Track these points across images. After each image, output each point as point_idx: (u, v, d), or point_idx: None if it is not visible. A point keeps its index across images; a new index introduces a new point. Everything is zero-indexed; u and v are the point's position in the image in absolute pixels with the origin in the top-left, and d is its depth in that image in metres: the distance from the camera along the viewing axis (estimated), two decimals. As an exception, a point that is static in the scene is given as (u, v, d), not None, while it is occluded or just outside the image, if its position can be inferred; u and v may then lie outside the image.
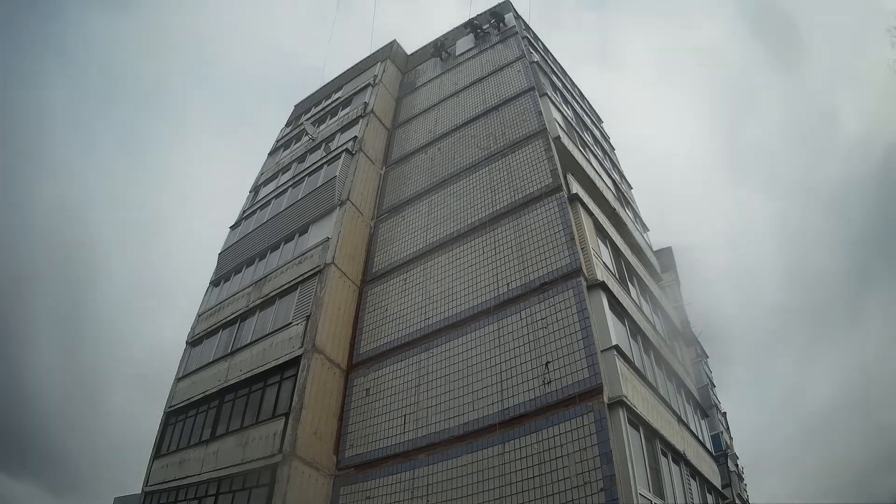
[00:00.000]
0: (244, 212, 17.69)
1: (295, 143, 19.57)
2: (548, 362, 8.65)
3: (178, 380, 13.75)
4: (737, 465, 21.88)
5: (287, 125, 22.18)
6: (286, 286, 12.98)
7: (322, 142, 17.75)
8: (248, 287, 14.16)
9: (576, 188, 11.57)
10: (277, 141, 21.07)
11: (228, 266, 15.73)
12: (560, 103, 15.58)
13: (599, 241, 11.25)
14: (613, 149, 19.94)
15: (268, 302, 13.17)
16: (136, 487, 12.60)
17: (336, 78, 22.70)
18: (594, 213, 11.67)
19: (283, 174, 17.98)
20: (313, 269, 12.67)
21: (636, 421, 8.14)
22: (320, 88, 22.99)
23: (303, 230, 14.42)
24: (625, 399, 7.96)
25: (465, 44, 19.39)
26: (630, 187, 18.59)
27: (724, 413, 24.31)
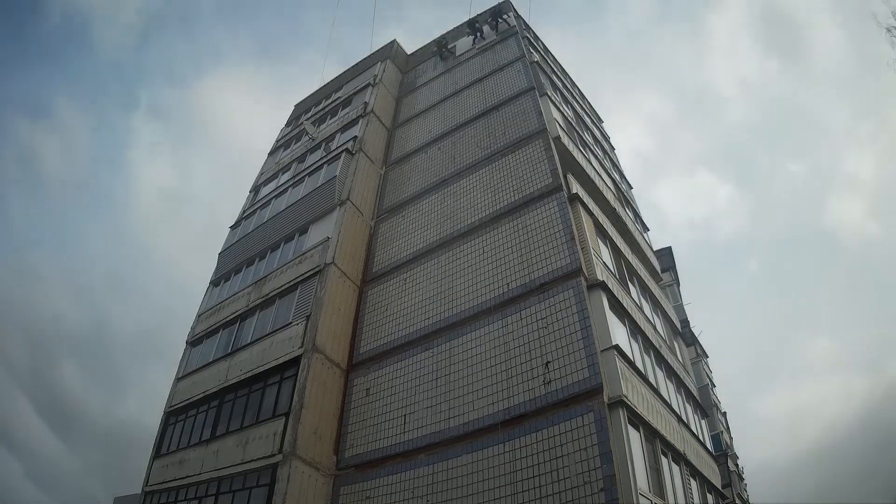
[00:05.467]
0: (244, 212, 17.68)
1: (295, 143, 19.56)
2: (548, 362, 8.65)
3: (179, 379, 13.74)
4: (737, 465, 21.89)
5: (287, 125, 22.17)
6: (286, 286, 12.97)
7: (322, 141, 17.74)
8: (248, 287, 14.15)
9: (576, 188, 11.56)
10: (277, 141, 21.06)
11: (228, 266, 15.72)
12: (560, 103, 15.58)
13: (599, 241, 11.24)
14: (613, 148, 19.94)
15: (268, 302, 13.16)
16: (136, 487, 12.62)
17: (336, 77, 22.72)
18: (594, 212, 11.67)
19: (283, 174, 17.97)
20: (313, 268, 12.66)
21: (636, 421, 8.13)
22: (320, 88, 22.99)
23: (303, 230, 14.41)
24: (625, 399, 7.95)
25: (465, 43, 19.39)
26: (630, 187, 18.59)
27: (724, 413, 24.32)
